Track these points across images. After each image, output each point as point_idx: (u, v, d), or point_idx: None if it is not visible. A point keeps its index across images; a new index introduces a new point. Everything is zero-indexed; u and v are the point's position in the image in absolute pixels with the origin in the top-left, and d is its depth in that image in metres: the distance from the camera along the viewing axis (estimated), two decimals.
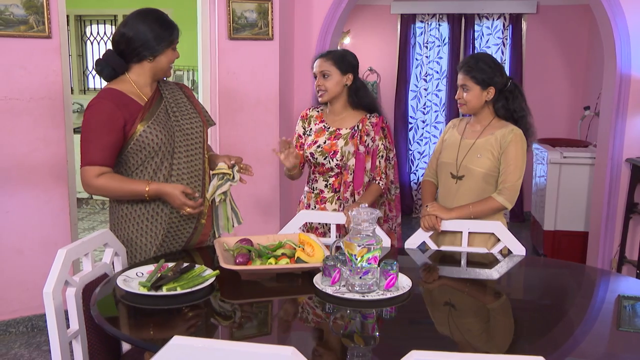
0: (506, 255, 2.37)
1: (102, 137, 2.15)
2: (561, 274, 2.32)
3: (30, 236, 3.38)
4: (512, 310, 1.93)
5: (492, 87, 2.50)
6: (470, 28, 6.26)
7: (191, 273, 1.96)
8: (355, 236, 1.84)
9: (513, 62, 6.21)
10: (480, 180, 2.51)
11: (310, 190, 2.77)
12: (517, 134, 2.47)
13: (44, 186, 3.39)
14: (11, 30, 3.12)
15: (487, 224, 2.43)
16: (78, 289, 1.94)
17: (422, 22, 6.35)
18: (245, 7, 3.81)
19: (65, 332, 1.85)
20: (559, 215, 4.78)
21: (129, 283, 1.90)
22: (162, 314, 1.79)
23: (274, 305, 1.94)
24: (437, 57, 6.36)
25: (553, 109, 6.28)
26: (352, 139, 2.69)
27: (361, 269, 1.82)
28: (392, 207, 2.83)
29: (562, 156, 4.69)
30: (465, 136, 2.61)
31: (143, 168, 2.24)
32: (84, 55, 7.38)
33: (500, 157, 2.47)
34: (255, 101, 3.96)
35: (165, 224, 2.27)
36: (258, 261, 2.05)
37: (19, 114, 3.27)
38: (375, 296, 1.82)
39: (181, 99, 2.38)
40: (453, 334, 1.73)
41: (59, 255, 1.86)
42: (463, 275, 2.25)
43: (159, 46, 2.22)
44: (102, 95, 2.20)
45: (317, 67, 2.70)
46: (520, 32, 6.20)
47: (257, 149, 3.99)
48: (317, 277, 1.93)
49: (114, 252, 2.18)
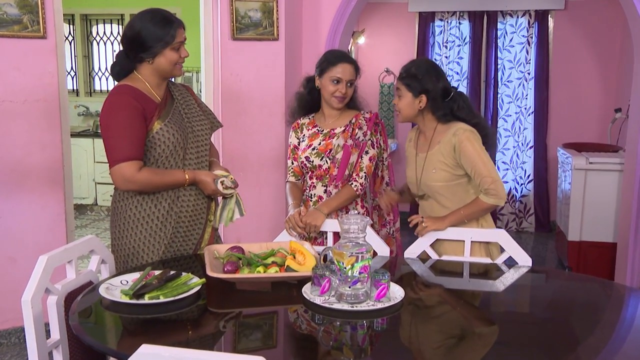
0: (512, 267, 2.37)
1: (131, 129, 2.21)
2: (570, 288, 2.30)
3: (24, 243, 3.46)
4: (510, 329, 1.90)
5: (423, 95, 2.48)
6: (493, 26, 6.25)
7: (176, 281, 2.00)
8: (345, 244, 1.86)
9: (539, 62, 6.18)
10: (447, 193, 2.50)
11: (307, 198, 2.80)
12: (461, 132, 2.42)
13: (39, 191, 3.47)
14: (4, 30, 3.21)
15: (491, 233, 2.43)
16: (60, 297, 1.99)
17: (442, 21, 6.35)
18: (249, 6, 3.86)
19: (45, 342, 1.90)
20: (584, 225, 4.72)
21: (111, 291, 1.95)
22: (143, 324, 1.82)
23: (261, 315, 1.96)
24: (457, 57, 6.36)
25: (582, 112, 6.23)
26: (344, 132, 2.73)
27: (350, 279, 1.84)
28: (389, 210, 2.84)
29: (588, 162, 4.64)
30: (419, 150, 2.61)
31: (155, 166, 2.30)
32: (90, 56, 7.48)
33: (458, 162, 2.44)
34: (260, 104, 4.01)
35: (174, 223, 2.34)
36: (246, 269, 2.08)
37: (13, 116, 3.35)
38: (366, 307, 1.83)
39: (190, 101, 2.47)
40: (441, 350, 1.73)
41: (39, 261, 1.92)
42: (462, 287, 2.26)
43: (155, 47, 2.26)
44: (119, 91, 2.27)
45: (345, 73, 2.68)
46: (547, 30, 6.16)
47: (261, 153, 4.03)
48: (307, 286, 1.96)
49: (100, 259, 2.24)
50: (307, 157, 2.76)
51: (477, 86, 6.33)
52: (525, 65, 6.23)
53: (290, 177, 2.85)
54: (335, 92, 2.69)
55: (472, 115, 2.53)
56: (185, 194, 2.35)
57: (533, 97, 6.24)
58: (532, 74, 6.23)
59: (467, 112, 2.52)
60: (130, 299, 1.88)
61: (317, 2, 4.27)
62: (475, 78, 6.31)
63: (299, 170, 2.83)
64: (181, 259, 2.36)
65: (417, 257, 2.46)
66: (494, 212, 6.37)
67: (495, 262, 2.41)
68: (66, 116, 3.54)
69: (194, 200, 2.37)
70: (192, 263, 2.34)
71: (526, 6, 6.15)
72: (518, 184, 6.37)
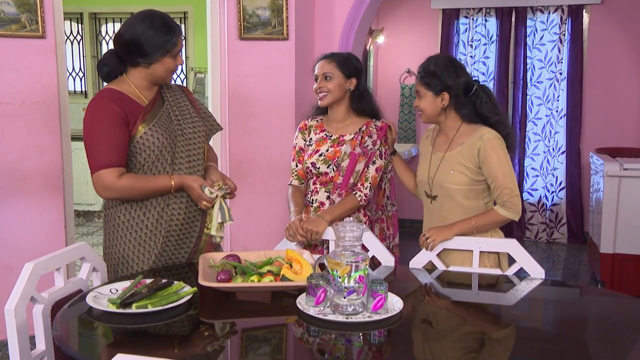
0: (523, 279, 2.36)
1: (112, 135, 2.24)
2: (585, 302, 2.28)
3: (21, 251, 3.52)
4: (516, 342, 1.90)
5: (445, 93, 2.50)
6: (522, 23, 6.22)
7: (167, 290, 2.03)
8: (340, 253, 1.87)
9: (572, 61, 6.12)
10: (461, 197, 2.50)
11: (308, 203, 2.82)
12: (488, 138, 2.44)
13: (37, 197, 3.54)
14: (2, 29, 3.29)
15: (501, 242, 2.42)
16: (46, 306, 2.03)
17: (467, 18, 6.34)
18: (257, 5, 3.90)
19: (29, 353, 1.94)
20: (618, 236, 4.66)
21: (99, 300, 1.98)
22: (130, 334, 1.85)
23: (254, 327, 1.98)
24: (483, 56, 6.33)
25: (619, 114, 6.15)
26: (353, 140, 2.76)
27: (346, 289, 1.85)
28: (389, 224, 2.86)
29: (622, 168, 4.58)
30: (436, 148, 2.61)
31: (143, 172, 2.33)
32: (99, 56, 7.56)
33: (479, 167, 2.45)
34: (269, 107, 4.04)
35: (164, 232, 2.36)
36: (240, 278, 2.10)
37: (11, 119, 3.43)
38: (361, 318, 1.84)
39: (184, 102, 2.49)
40: None
41: (25, 269, 1.96)
42: (469, 300, 2.25)
43: (154, 54, 2.30)
44: (99, 95, 2.32)
45: (319, 68, 2.78)
46: (581, 26, 6.11)
47: (270, 158, 4.06)
48: (302, 296, 1.97)
49: (91, 267, 2.28)
50: (313, 162, 2.78)
51: (505, 87, 6.29)
52: (557, 64, 6.18)
53: (294, 181, 2.88)
54: (316, 89, 2.79)
55: (495, 112, 2.53)
56: (175, 202, 2.36)
57: (565, 98, 6.18)
58: (565, 74, 6.17)
59: (490, 107, 2.52)
60: (117, 308, 1.91)
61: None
62: (502, 79, 6.28)
63: (303, 173, 2.86)
64: (174, 268, 2.39)
65: (422, 267, 2.46)
66: (522, 222, 6.32)
67: (506, 274, 2.40)
68: (66, 119, 3.61)
69: (185, 208, 2.38)
70: (185, 272, 2.37)
71: (559, 1, 6.10)
72: (549, 192, 6.30)
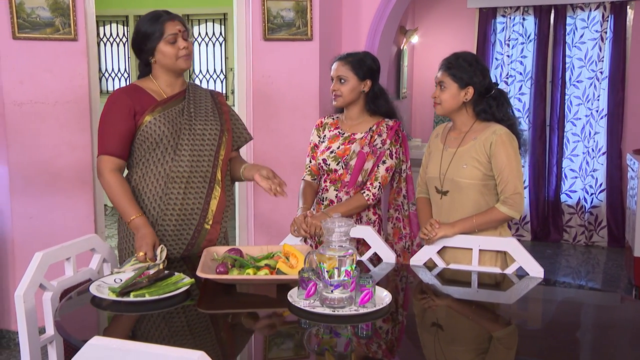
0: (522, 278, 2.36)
1: (114, 125, 2.45)
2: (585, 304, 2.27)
3: (53, 243, 3.65)
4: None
5: (470, 87, 2.53)
6: (562, 21, 6.11)
7: (166, 281, 2.13)
8: (328, 247, 1.93)
9: (614, 60, 5.98)
10: (473, 193, 2.51)
11: (320, 200, 2.88)
12: (501, 134, 2.48)
13: (68, 192, 3.71)
14: (37, 33, 3.48)
15: (500, 241, 2.43)
16: (55, 293, 2.16)
17: (504, 17, 6.28)
18: (282, 6, 3.99)
19: (37, 337, 2.07)
20: None
21: (102, 289, 2.09)
22: (127, 321, 1.96)
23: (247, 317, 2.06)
24: (520, 55, 6.26)
25: None
26: (362, 139, 2.81)
27: (333, 282, 1.91)
28: (405, 224, 2.89)
29: None
30: (448, 144, 2.63)
31: (145, 160, 2.49)
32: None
33: (490, 163, 2.48)
34: (293, 107, 4.11)
35: (161, 222, 2.48)
36: (235, 271, 2.19)
37: (44, 118, 3.62)
38: (348, 311, 1.90)
39: (205, 103, 2.61)
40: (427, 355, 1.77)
41: (34, 258, 2.10)
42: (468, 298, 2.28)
43: (148, 45, 2.46)
44: (118, 89, 2.55)
45: (334, 70, 2.85)
46: (624, 23, 5.95)
47: (293, 157, 4.13)
48: (293, 290, 2.04)
49: (102, 257, 2.40)
50: (324, 159, 2.85)
51: (543, 87, 6.20)
52: (598, 63, 6.06)
53: (307, 176, 2.96)
54: (331, 91, 2.87)
55: (509, 116, 2.59)
56: (171, 196, 2.48)
57: (606, 98, 6.05)
58: (606, 72, 6.04)
59: (505, 111, 2.58)
60: (117, 296, 2.02)
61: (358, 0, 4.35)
62: (540, 78, 6.19)
63: (316, 169, 2.93)
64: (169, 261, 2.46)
65: (423, 264, 2.49)
66: (560, 224, 6.23)
67: (505, 273, 2.41)
68: (96, 117, 3.77)
69: (180, 202, 2.49)
70: (179, 265, 2.46)
71: None
72: (588, 194, 6.18)
